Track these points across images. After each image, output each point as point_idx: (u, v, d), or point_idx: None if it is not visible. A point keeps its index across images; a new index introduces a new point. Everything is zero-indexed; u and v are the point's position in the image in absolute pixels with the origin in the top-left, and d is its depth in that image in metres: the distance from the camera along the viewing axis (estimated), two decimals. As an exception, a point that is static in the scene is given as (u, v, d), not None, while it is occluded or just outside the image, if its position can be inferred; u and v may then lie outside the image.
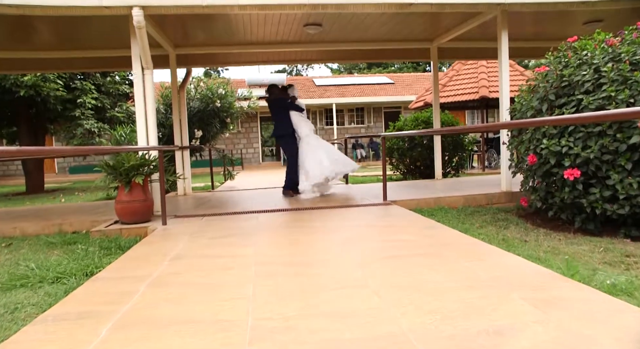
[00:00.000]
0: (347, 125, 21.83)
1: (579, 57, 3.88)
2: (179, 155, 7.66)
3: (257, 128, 21.90)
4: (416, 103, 14.24)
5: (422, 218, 4.50)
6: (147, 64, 5.22)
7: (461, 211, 5.39)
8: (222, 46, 7.58)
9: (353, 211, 5.09)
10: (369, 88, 22.50)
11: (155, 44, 6.92)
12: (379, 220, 4.52)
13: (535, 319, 1.82)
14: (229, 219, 4.89)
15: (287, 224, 4.52)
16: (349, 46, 7.89)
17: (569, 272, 2.52)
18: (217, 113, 8.67)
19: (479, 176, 9.55)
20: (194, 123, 8.57)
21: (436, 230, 3.87)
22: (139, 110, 5.26)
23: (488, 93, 11.57)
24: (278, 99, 6.76)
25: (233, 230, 4.21)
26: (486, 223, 4.64)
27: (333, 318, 1.95)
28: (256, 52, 8.13)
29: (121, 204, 4.80)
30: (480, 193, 6.02)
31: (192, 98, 8.82)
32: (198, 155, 9.81)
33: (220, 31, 6.92)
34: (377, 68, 38.05)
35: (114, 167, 4.75)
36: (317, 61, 9.80)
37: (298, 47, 7.79)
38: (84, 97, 10.90)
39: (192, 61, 8.05)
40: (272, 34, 7.13)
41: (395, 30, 7.36)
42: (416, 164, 9.65)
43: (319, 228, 4.13)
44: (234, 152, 20.26)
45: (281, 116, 6.71)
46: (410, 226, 4.01)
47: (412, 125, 9.50)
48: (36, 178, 12.04)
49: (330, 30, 7.03)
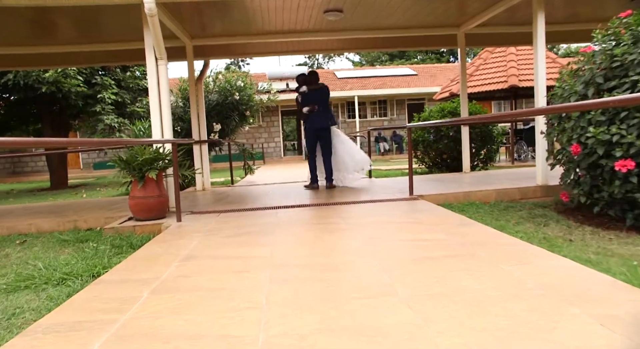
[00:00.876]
0: (370, 118, 21.41)
1: (634, 33, 3.45)
2: (197, 149, 7.48)
3: (279, 122, 21.70)
4: (441, 94, 13.74)
5: (452, 214, 4.17)
6: (160, 55, 5.01)
7: (494, 207, 5.02)
8: (239, 36, 7.33)
9: (377, 207, 4.79)
10: (392, 80, 22.00)
11: (171, 36, 6.73)
12: (406, 216, 4.20)
13: (610, 345, 1.49)
14: (246, 216, 4.66)
15: (307, 221, 4.25)
16: (372, 34, 7.54)
17: (638, 281, 2.16)
18: (236, 106, 8.45)
19: (510, 169, 9.08)
20: (213, 117, 8.38)
21: (469, 227, 3.53)
22: (153, 103, 5.06)
23: (518, 82, 11.02)
24: (324, 89, 6.50)
25: (249, 228, 3.96)
26: (523, 219, 4.27)
27: (357, 336, 1.67)
28: (275, 42, 7.85)
29: (135, 200, 4.62)
30: (513, 187, 5.61)
31: (211, 91, 8.63)
32: (217, 150, 9.64)
33: (237, 20, 6.67)
34: (400, 60, 37.34)
35: (127, 162, 4.57)
36: (338, 51, 9.48)
37: (318, 36, 7.48)
38: (104, 93, 10.87)
39: (210, 52, 7.83)
40: (291, 22, 6.84)
41: (420, 16, 6.97)
42: (442, 157, 9.24)
43: (341, 225, 3.85)
44: (255, 147, 20.12)
45: (326, 106, 6.51)
46: (440, 224, 3.68)
47: (438, 116, 9.09)
48: (60, 174, 12.13)
49: (352, 17, 6.70)
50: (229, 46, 7.86)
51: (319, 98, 6.44)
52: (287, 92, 19.17)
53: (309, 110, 6.38)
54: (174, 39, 6.99)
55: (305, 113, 6.43)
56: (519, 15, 7.05)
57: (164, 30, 6.36)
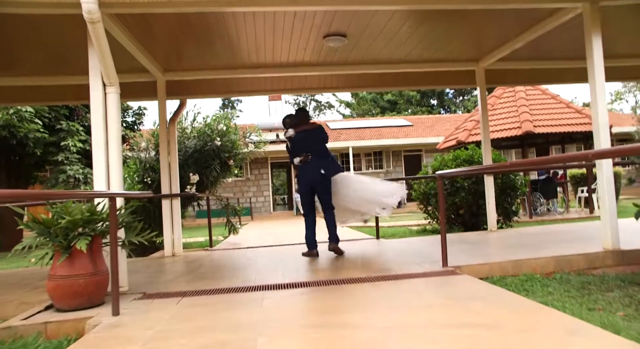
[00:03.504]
0: (365, 171, 20.26)
1: None
2: (167, 204, 6.08)
3: (268, 174, 20.43)
4: (446, 143, 12.67)
5: (527, 302, 2.77)
6: (110, 79, 3.74)
7: (563, 283, 3.64)
8: (222, 70, 6.18)
9: (406, 288, 3.37)
10: (387, 131, 21.14)
11: (139, 69, 5.56)
12: (458, 309, 2.77)
13: None
14: (218, 303, 3.20)
15: (307, 317, 2.81)
16: (378, 69, 6.45)
17: None
18: (218, 153, 7.16)
19: (541, 227, 7.76)
20: (190, 166, 7.07)
21: (581, 336, 2.12)
22: (97, 141, 3.73)
23: (532, 127, 9.98)
24: (317, 129, 5.24)
25: (219, 332, 2.50)
26: (624, 305, 2.89)
27: None
28: (265, 78, 6.72)
29: (55, 281, 3.16)
30: (575, 254, 4.27)
31: (189, 137, 7.39)
32: (196, 205, 8.24)
33: (219, 49, 5.54)
34: (391, 112, 37.07)
35: (46, 225, 3.15)
36: (340, 89, 8.16)
37: (316, 71, 6.37)
38: (69, 140, 9.56)
39: (187, 90, 6.64)
40: (284, 53, 5.73)
41: (433, 48, 5.92)
42: (458, 212, 7.92)
43: (362, 329, 2.41)
44: (242, 201, 18.69)
45: (323, 151, 5.22)
46: (528, 329, 2.27)
47: (452, 164, 7.87)
48: (13, 233, 10.50)
49: (356, 45, 5.60)
50: (210, 83, 6.69)
51: (312, 142, 5.15)
52: (278, 142, 18.10)
53: (301, 160, 5.08)
54: (143, 72, 5.82)
55: (297, 164, 5.14)
56: (543, 48, 6.05)
57: (131, 62, 5.20)
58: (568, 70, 6.82)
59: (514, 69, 6.89)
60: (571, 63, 6.52)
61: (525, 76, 7.25)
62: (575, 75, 6.69)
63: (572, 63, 6.50)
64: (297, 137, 5.16)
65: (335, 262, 4.70)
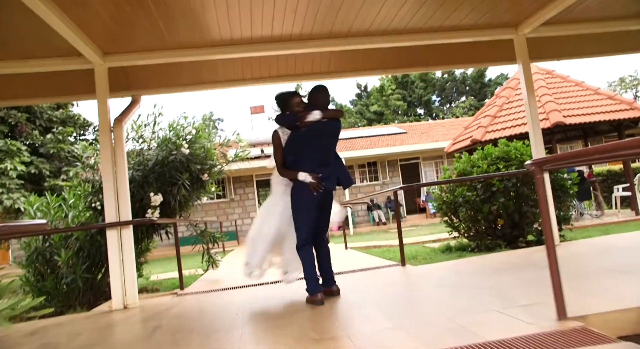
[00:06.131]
0: (359, 183, 18.67)
1: None
2: (114, 237, 4.36)
3: (254, 194, 18.68)
4: (456, 144, 11.16)
5: None
6: None
7: None
8: (184, 49, 4.56)
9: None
10: (380, 139, 19.66)
11: (68, 50, 3.94)
12: None
13: None
14: None
15: None
16: (387, 42, 4.87)
17: None
18: (186, 165, 5.46)
19: (603, 237, 6.22)
20: (150, 184, 5.37)
21: None
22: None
23: (562, 118, 8.51)
24: (336, 122, 3.71)
25: None
26: None
27: None
28: (242, 60, 5.09)
29: None
30: None
31: (149, 146, 5.72)
32: (164, 233, 6.48)
33: (180, 21, 3.95)
34: (378, 124, 35.83)
35: None
36: (340, 74, 5.93)
37: (307, 47, 4.77)
38: (8, 162, 7.77)
39: (139, 82, 5.01)
40: (266, 20, 4.14)
41: (452, 6, 4.39)
42: (495, 223, 6.33)
43: None
44: (226, 225, 16.84)
45: (335, 154, 3.77)
46: None
47: (484, 164, 6.31)
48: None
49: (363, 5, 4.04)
50: (170, 70, 5.05)
51: (329, 138, 3.63)
52: (263, 158, 16.44)
53: (313, 178, 3.42)
54: (73, 56, 4.20)
55: (304, 180, 3.44)
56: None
57: (57, 42, 3.58)
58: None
59: (573, 36, 5.34)
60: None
61: (580, 44, 5.66)
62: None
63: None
64: (312, 130, 3.50)
65: (351, 311, 3.02)
